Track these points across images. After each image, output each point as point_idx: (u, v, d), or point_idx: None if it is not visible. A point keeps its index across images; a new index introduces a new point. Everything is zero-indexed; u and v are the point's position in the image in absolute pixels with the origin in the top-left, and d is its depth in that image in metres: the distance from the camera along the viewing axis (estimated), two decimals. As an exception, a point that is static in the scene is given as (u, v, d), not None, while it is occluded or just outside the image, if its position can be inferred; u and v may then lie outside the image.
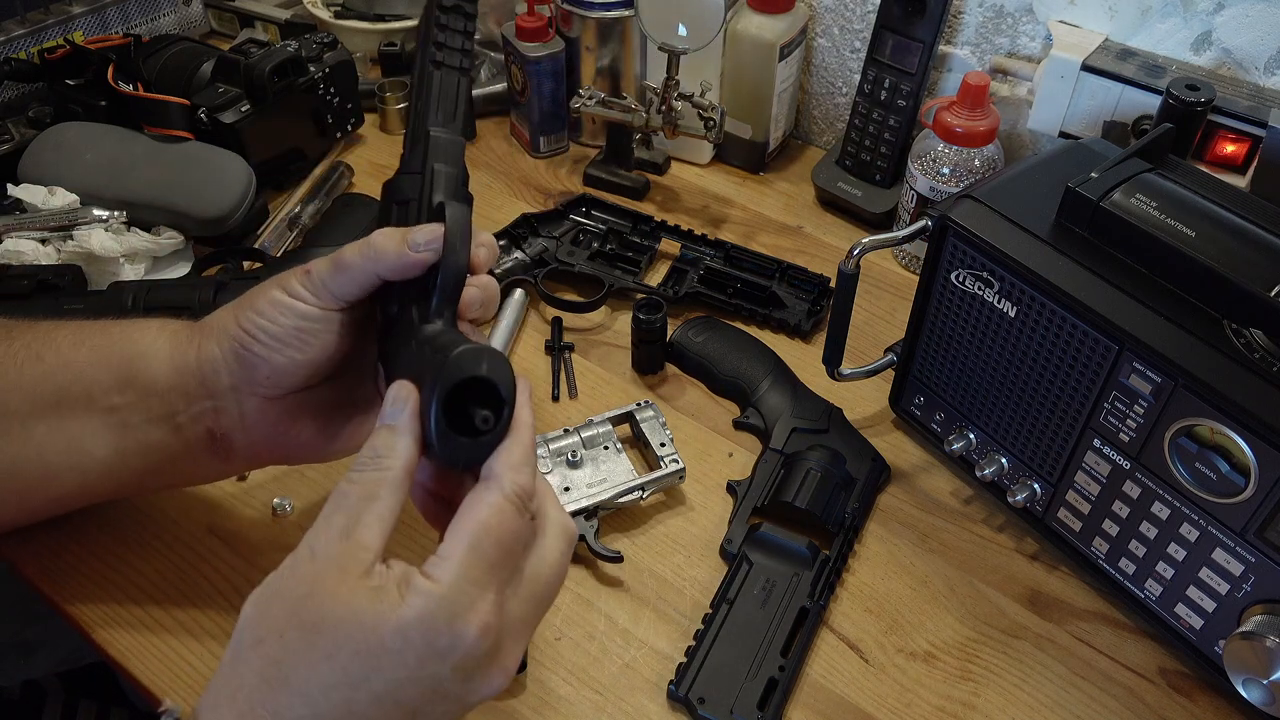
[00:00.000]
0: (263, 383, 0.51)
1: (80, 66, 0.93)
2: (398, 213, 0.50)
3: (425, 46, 0.52)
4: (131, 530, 0.63)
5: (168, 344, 0.52)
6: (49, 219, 0.79)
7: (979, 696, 0.58)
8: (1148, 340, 0.52)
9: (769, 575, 0.61)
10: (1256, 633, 0.51)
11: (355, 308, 0.51)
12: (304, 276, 0.50)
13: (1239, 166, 0.74)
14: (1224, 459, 0.51)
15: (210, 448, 0.53)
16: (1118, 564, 0.60)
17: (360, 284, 0.49)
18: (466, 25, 0.52)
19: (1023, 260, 0.56)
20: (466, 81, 0.52)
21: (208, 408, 0.52)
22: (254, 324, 0.50)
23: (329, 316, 0.50)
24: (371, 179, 0.96)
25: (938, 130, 0.80)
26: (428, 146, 0.50)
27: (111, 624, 0.58)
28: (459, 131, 0.51)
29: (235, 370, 0.51)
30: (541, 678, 0.57)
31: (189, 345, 0.52)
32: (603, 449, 0.67)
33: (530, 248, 0.85)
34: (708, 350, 0.76)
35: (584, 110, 0.90)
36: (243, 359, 0.50)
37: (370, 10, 1.10)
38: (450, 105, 0.51)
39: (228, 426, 0.52)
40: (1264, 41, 0.75)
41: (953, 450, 0.67)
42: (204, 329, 0.52)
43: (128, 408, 0.51)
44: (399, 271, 0.48)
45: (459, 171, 0.51)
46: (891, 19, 0.85)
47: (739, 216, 0.93)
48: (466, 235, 0.48)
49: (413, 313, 0.48)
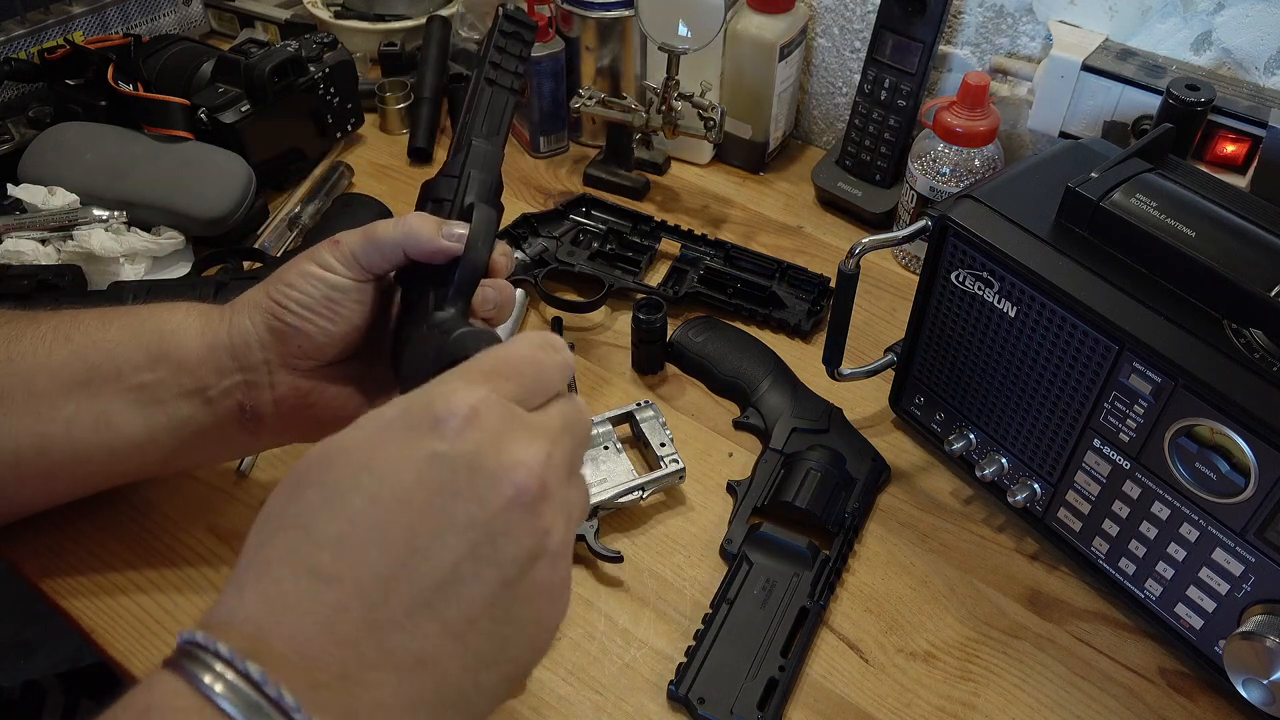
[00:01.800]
0: (294, 353, 0.53)
1: (80, 66, 0.93)
2: (432, 209, 0.54)
3: (483, 64, 0.57)
4: (131, 530, 0.63)
5: (198, 321, 0.54)
6: (49, 219, 0.79)
7: (979, 696, 0.58)
8: (1148, 340, 0.52)
9: (769, 575, 0.61)
10: (1256, 633, 0.50)
11: (381, 283, 0.53)
12: (333, 248, 0.52)
13: (1239, 166, 0.74)
14: (1224, 459, 0.51)
15: (240, 422, 0.54)
16: (1118, 564, 0.60)
17: (389, 259, 0.51)
18: (522, 51, 0.58)
19: (1023, 260, 0.56)
20: (514, 101, 0.57)
21: (239, 381, 0.53)
22: (285, 295, 0.52)
23: (357, 287, 0.52)
24: (371, 179, 0.96)
25: (938, 130, 0.80)
26: (468, 154, 0.55)
27: (111, 624, 0.58)
28: (500, 145, 0.56)
29: (268, 342, 0.52)
30: (541, 678, 0.57)
31: (220, 321, 0.53)
32: (603, 449, 0.67)
33: (530, 248, 0.85)
34: (708, 350, 0.76)
35: (584, 110, 0.90)
36: (275, 330, 0.52)
37: (370, 10, 1.10)
38: (496, 120, 0.57)
39: (258, 400, 0.53)
40: (1264, 41, 0.75)
41: (953, 450, 0.67)
42: (234, 306, 0.54)
43: (158, 384, 0.52)
44: (426, 255, 0.51)
45: (493, 180, 0.55)
46: (891, 19, 0.85)
47: (739, 216, 0.93)
48: (490, 237, 0.52)
49: (429, 299, 0.51)
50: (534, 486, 0.36)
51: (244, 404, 0.53)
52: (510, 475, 0.36)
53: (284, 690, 0.31)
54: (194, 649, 0.32)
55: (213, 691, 0.31)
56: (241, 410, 0.54)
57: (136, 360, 0.52)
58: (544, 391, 0.39)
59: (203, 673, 0.31)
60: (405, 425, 0.36)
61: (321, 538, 0.34)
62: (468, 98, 0.57)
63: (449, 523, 0.35)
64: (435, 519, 0.35)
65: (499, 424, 0.36)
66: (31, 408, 0.51)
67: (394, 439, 0.36)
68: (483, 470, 0.35)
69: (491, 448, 0.36)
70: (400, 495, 0.35)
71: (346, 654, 0.33)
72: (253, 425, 0.54)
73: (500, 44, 0.57)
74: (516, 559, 0.36)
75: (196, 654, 0.32)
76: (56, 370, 0.52)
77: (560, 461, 0.38)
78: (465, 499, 0.35)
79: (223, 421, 0.54)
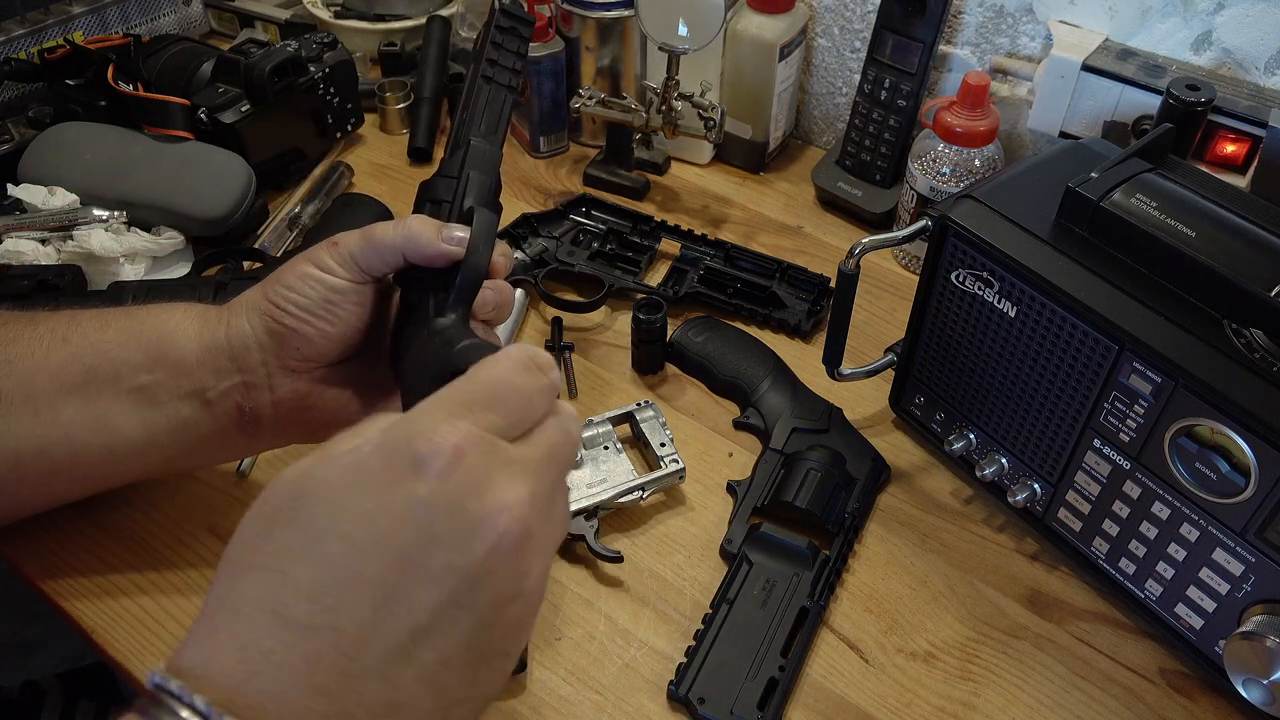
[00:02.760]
0: (293, 355, 0.52)
1: (80, 66, 0.93)
2: (431, 211, 0.53)
3: (479, 61, 0.55)
4: (131, 530, 0.63)
5: (196, 323, 0.53)
6: (49, 219, 0.79)
7: (979, 696, 0.58)
8: (1148, 340, 0.52)
9: (769, 575, 0.61)
10: (1257, 633, 0.50)
11: (379, 285, 0.53)
12: (332, 250, 0.52)
13: (1239, 166, 0.74)
14: (1224, 459, 0.51)
15: (238, 424, 0.54)
16: (1118, 564, 0.60)
17: (387, 261, 0.51)
18: (520, 47, 0.56)
19: (1023, 260, 0.56)
20: (512, 99, 0.56)
21: (237, 383, 0.53)
22: (283, 297, 0.52)
23: (356, 289, 0.52)
24: (371, 179, 0.96)
25: (938, 130, 0.80)
26: (466, 153, 0.54)
27: (111, 624, 0.58)
28: (498, 144, 0.55)
29: (266, 344, 0.52)
30: (541, 678, 0.57)
31: (218, 323, 0.53)
32: (603, 449, 0.67)
33: (530, 248, 0.85)
34: (708, 350, 0.76)
35: (584, 110, 0.90)
36: (274, 332, 0.52)
37: (370, 10, 1.10)
38: (494, 119, 0.55)
39: (256, 402, 0.53)
40: (1264, 41, 0.75)
41: (953, 450, 0.67)
42: (232, 307, 0.54)
43: (157, 385, 0.52)
44: (426, 258, 0.50)
45: (492, 181, 0.54)
46: (891, 19, 0.84)
47: (739, 216, 0.93)
48: (490, 240, 0.51)
49: (430, 304, 0.50)
50: (516, 531, 0.35)
51: (243, 406, 0.53)
52: (493, 521, 0.34)
53: None
54: (167, 698, 0.31)
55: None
56: (240, 412, 0.54)
57: (135, 362, 0.52)
58: (528, 420, 0.38)
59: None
60: (384, 464, 0.34)
61: (297, 584, 0.33)
62: (464, 96, 0.56)
63: (428, 571, 0.34)
64: (414, 567, 0.33)
65: (481, 464, 0.35)
66: (30, 409, 0.51)
67: (372, 478, 0.34)
68: (464, 516, 0.34)
69: (473, 491, 0.34)
70: (379, 541, 0.33)
71: (323, 705, 0.32)
72: (252, 427, 0.54)
73: (497, 39, 0.56)
74: (493, 602, 0.35)
75: (169, 703, 0.31)
76: (55, 372, 0.52)
77: (544, 496, 0.37)
78: (446, 546, 0.34)
79: (222, 423, 0.54)
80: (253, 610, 0.33)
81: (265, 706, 0.31)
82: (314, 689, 0.32)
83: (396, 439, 0.35)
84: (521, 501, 0.35)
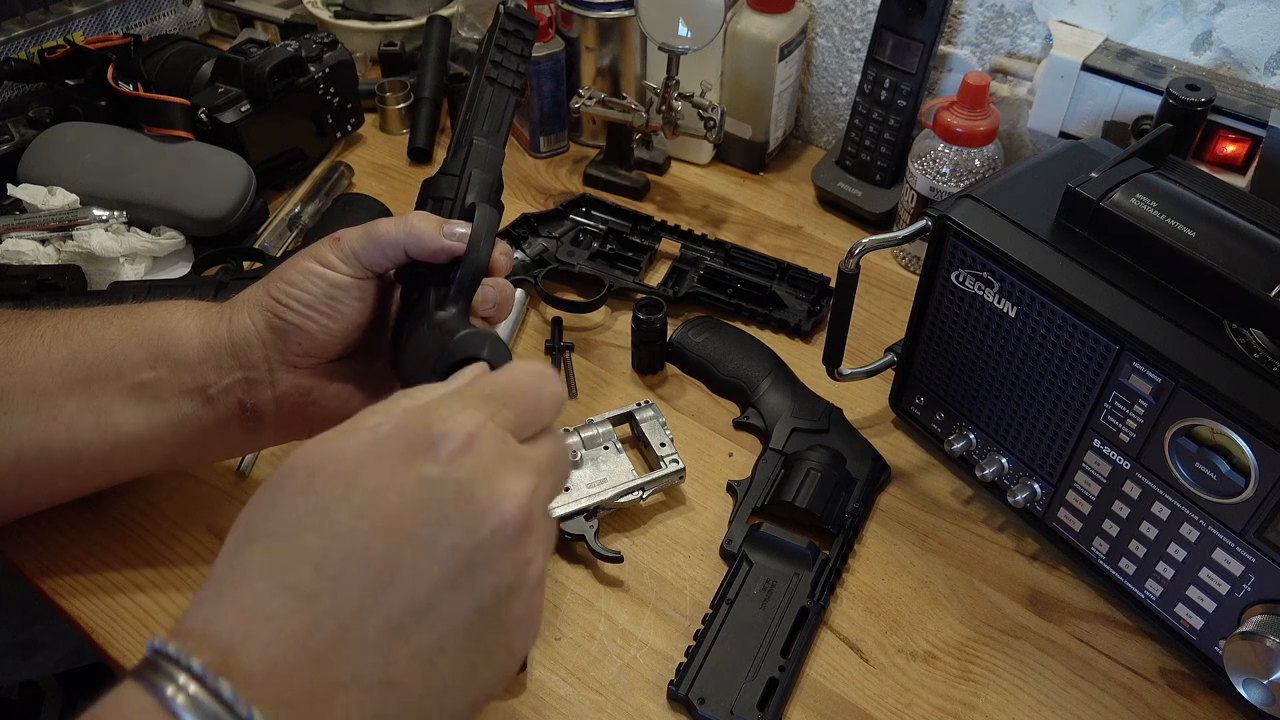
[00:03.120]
0: (294, 351, 0.53)
1: (80, 66, 0.93)
2: (433, 208, 0.54)
3: (484, 62, 0.56)
4: (132, 530, 0.63)
5: (197, 319, 0.54)
6: (49, 219, 0.79)
7: (979, 696, 0.58)
8: (1148, 340, 0.52)
9: (769, 575, 0.61)
10: (1257, 633, 0.50)
11: (381, 280, 0.54)
12: (334, 245, 0.52)
13: (1239, 166, 0.74)
14: (1224, 459, 0.51)
15: (240, 420, 0.54)
16: (1118, 564, 0.60)
17: (389, 257, 0.52)
18: (523, 50, 0.57)
19: (1023, 260, 0.56)
20: (515, 100, 0.57)
21: (239, 379, 0.53)
22: (285, 293, 0.52)
23: (358, 285, 0.52)
24: (371, 179, 0.96)
25: (938, 130, 0.80)
26: (469, 152, 0.55)
27: (111, 624, 0.58)
28: (501, 144, 0.56)
29: (269, 340, 0.52)
30: (541, 678, 0.57)
31: (219, 320, 0.53)
32: (603, 449, 0.67)
33: (530, 248, 0.85)
34: (708, 350, 0.76)
35: (584, 110, 0.90)
36: (276, 328, 0.52)
37: (370, 10, 1.10)
38: (496, 119, 0.56)
39: (258, 398, 0.53)
40: (1264, 41, 0.75)
41: (953, 450, 0.67)
42: (234, 304, 0.54)
43: (158, 382, 0.53)
44: (427, 254, 0.51)
45: (494, 179, 0.55)
46: (891, 19, 0.85)
47: (739, 216, 0.93)
48: (491, 237, 0.52)
49: (430, 298, 0.51)
50: (521, 519, 0.36)
51: (244, 402, 0.53)
52: (499, 506, 0.36)
53: (255, 711, 0.31)
54: (163, 661, 0.31)
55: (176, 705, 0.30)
56: (242, 408, 0.54)
57: (136, 359, 0.52)
58: (537, 423, 0.40)
59: (167, 685, 0.31)
60: (401, 441, 0.36)
61: (303, 552, 0.34)
62: (468, 96, 0.56)
63: (432, 549, 0.34)
64: (419, 544, 0.34)
65: (493, 453, 0.36)
66: (32, 406, 0.52)
67: (388, 455, 0.35)
68: (473, 499, 0.35)
69: (484, 477, 0.36)
70: (388, 516, 0.34)
71: (316, 673, 0.32)
72: (253, 423, 0.54)
73: (501, 42, 0.57)
74: (495, 589, 0.36)
75: (164, 666, 0.31)
76: (56, 369, 0.52)
77: (544, 496, 0.38)
78: (452, 527, 0.35)
79: (223, 419, 0.54)
80: (257, 575, 0.34)
81: (261, 671, 0.32)
82: (309, 656, 0.32)
83: (416, 419, 0.36)
84: (527, 492, 0.37)
